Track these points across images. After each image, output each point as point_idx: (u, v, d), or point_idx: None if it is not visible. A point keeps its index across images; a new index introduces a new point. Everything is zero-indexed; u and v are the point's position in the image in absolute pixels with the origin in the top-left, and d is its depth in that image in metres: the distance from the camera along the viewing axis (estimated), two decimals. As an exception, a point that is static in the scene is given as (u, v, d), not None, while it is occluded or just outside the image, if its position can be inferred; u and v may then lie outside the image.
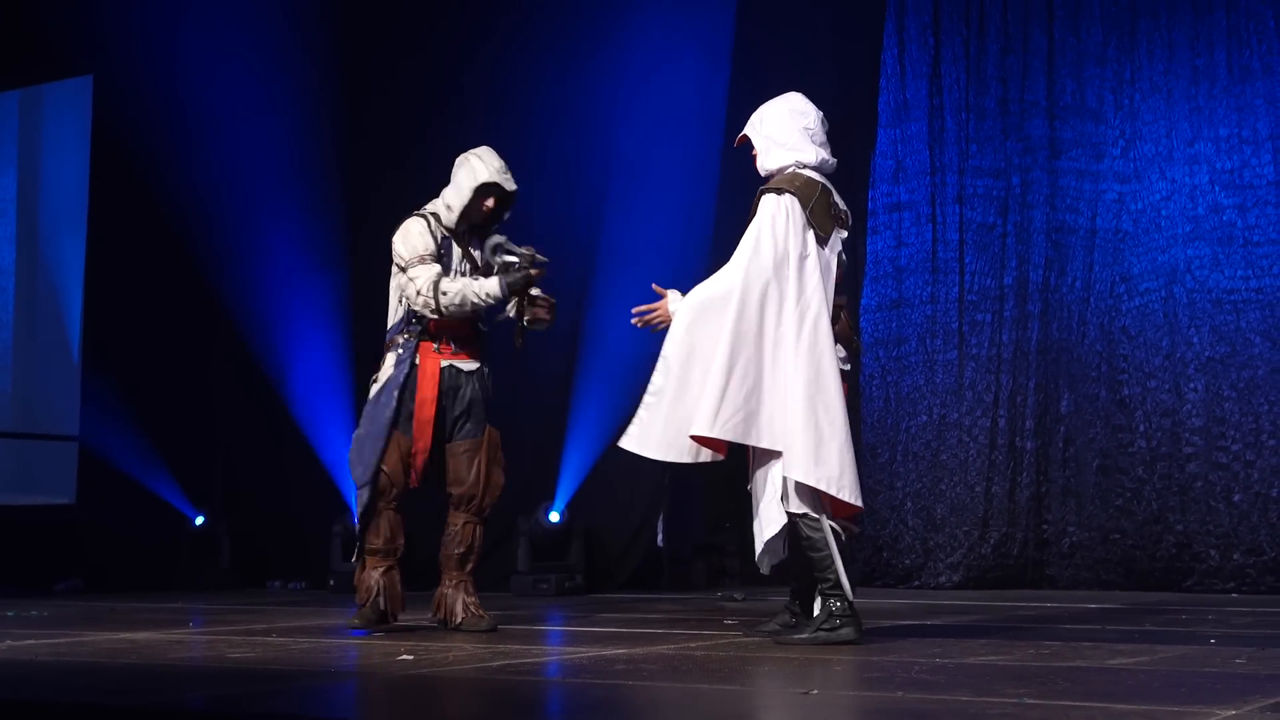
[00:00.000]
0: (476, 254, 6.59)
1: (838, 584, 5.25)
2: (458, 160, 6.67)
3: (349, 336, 10.74)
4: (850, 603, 5.28)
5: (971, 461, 9.31)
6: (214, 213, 11.08)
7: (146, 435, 11.23)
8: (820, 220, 5.40)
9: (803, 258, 5.33)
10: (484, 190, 6.54)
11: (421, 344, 6.48)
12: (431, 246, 6.51)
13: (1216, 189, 8.89)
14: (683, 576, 9.90)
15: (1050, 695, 3.80)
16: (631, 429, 5.43)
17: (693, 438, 5.27)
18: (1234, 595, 8.25)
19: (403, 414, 6.41)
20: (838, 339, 5.53)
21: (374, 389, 6.50)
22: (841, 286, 5.59)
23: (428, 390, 6.41)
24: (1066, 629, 6.01)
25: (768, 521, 5.33)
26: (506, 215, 6.67)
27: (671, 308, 5.45)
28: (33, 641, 6.06)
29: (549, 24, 10.47)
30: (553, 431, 9.96)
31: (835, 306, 5.49)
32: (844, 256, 5.55)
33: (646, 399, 5.38)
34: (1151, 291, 9.00)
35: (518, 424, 10.29)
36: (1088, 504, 8.99)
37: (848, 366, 5.53)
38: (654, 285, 5.58)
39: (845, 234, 5.55)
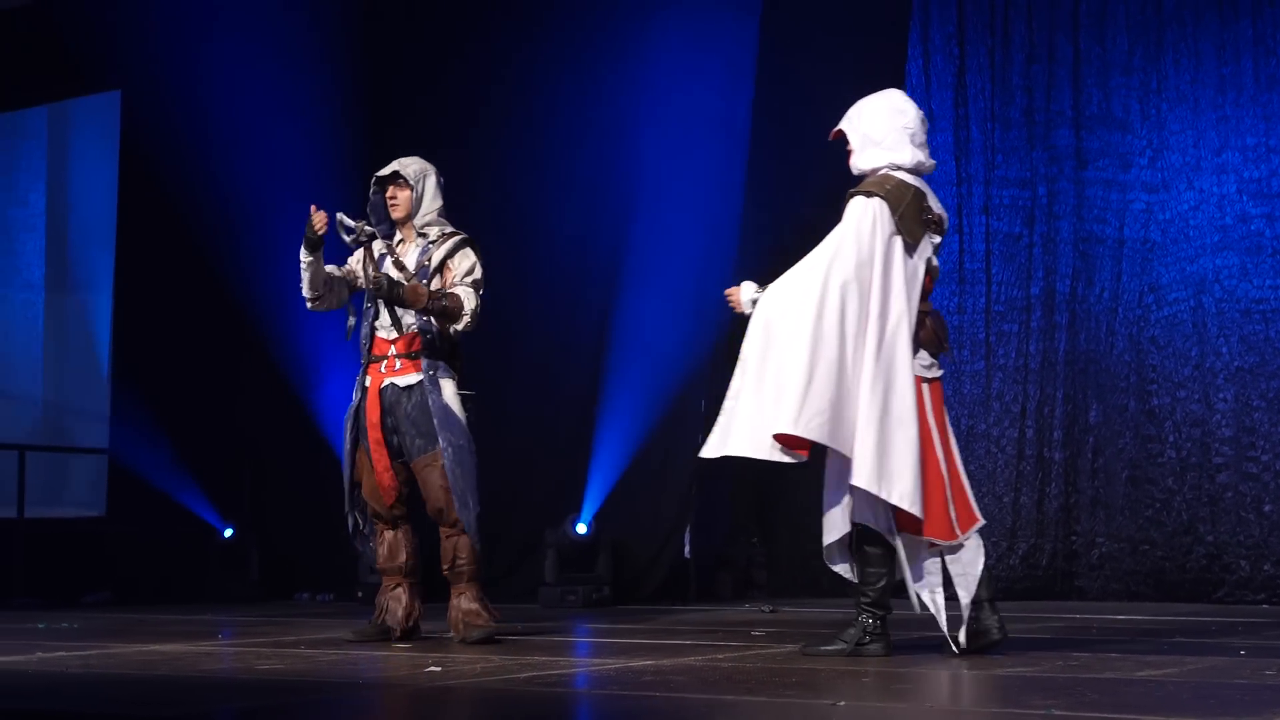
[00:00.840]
0: (409, 257, 6.57)
1: (876, 603, 5.22)
2: None
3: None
4: (885, 621, 5.24)
5: (999, 472, 9.28)
6: (241, 226, 11.10)
7: (175, 448, 11.28)
8: (909, 226, 5.27)
9: (888, 264, 5.21)
10: (377, 184, 6.72)
11: (370, 365, 6.53)
12: (353, 268, 6.70)
13: (1244, 198, 8.86)
14: (709, 588, 9.89)
15: (1078, 707, 3.80)
16: (711, 437, 5.35)
17: (775, 437, 5.16)
18: (1265, 606, 8.22)
19: (360, 440, 6.50)
20: (924, 345, 5.35)
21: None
22: (930, 293, 5.43)
23: (372, 414, 6.47)
24: (1095, 640, 6.00)
25: (829, 527, 5.30)
26: (391, 190, 6.69)
27: (744, 297, 5.38)
28: (63, 653, 6.09)
29: (573, 38, 10.48)
30: (580, 443, 9.96)
31: (921, 313, 5.33)
32: (935, 261, 5.43)
33: (726, 403, 5.32)
34: (1180, 301, 8.96)
35: (545, 435, 10.34)
36: (1117, 515, 8.95)
37: (939, 373, 5.37)
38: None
39: (939, 239, 5.44)
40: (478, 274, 6.50)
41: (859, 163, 5.48)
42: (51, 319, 12.55)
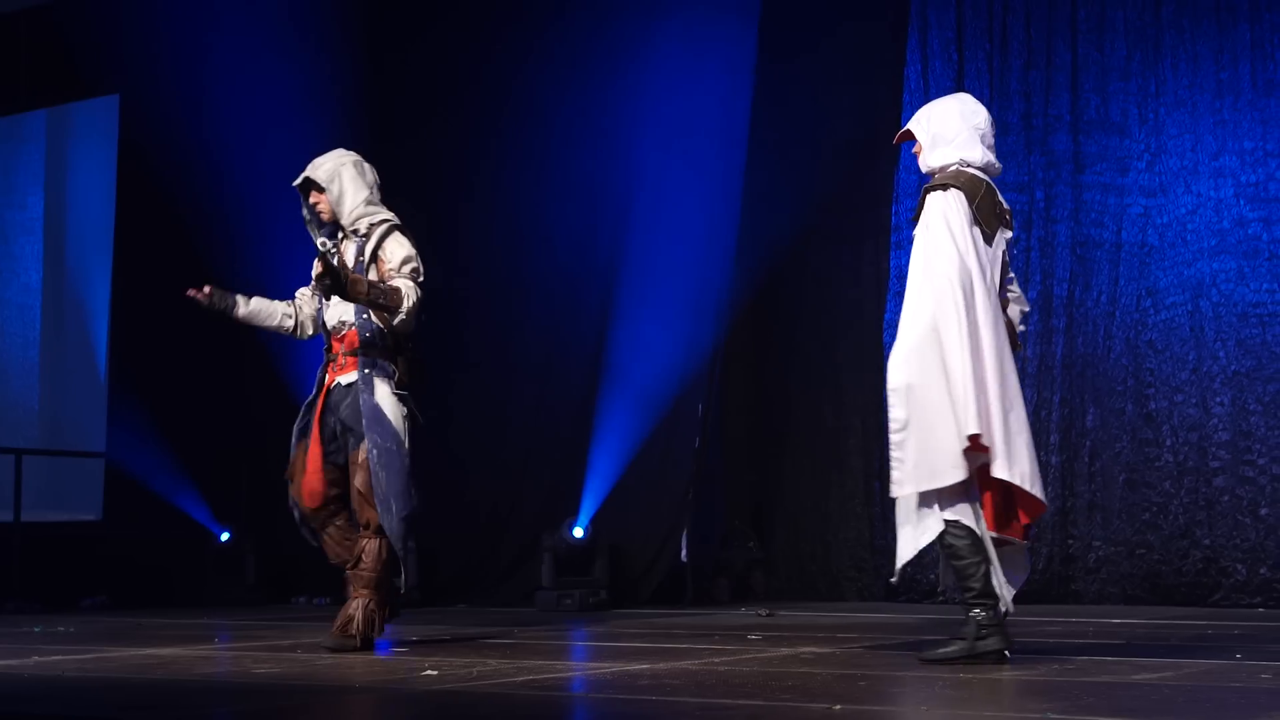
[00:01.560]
0: (347, 254, 6.46)
1: (983, 593, 5.03)
2: None
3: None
4: (997, 612, 5.06)
5: (997, 476, 9.27)
6: (239, 230, 11.11)
7: (172, 452, 11.28)
8: (986, 217, 5.25)
9: (978, 251, 5.16)
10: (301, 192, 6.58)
11: (328, 365, 6.49)
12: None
13: (1241, 202, 8.86)
14: (706, 592, 9.91)
15: (1075, 710, 3.80)
16: (895, 473, 5.11)
17: (970, 438, 4.94)
18: (1260, 610, 8.22)
19: (304, 437, 6.45)
20: None
21: None
22: (1004, 285, 5.36)
23: (319, 410, 6.43)
24: (1092, 644, 6.00)
25: (922, 531, 5.08)
26: (313, 198, 6.52)
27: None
28: (59, 657, 6.10)
29: (574, 44, 10.50)
30: (577, 447, 9.97)
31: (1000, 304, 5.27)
32: (1007, 256, 5.38)
33: (895, 437, 5.11)
34: (1177, 305, 8.96)
35: (542, 439, 10.35)
36: (1114, 518, 8.95)
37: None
38: None
39: (1010, 234, 5.40)
40: (415, 262, 6.37)
41: (930, 160, 5.41)
42: (49, 323, 12.55)
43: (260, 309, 6.70)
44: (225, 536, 11.01)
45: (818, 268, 10.24)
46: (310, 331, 6.75)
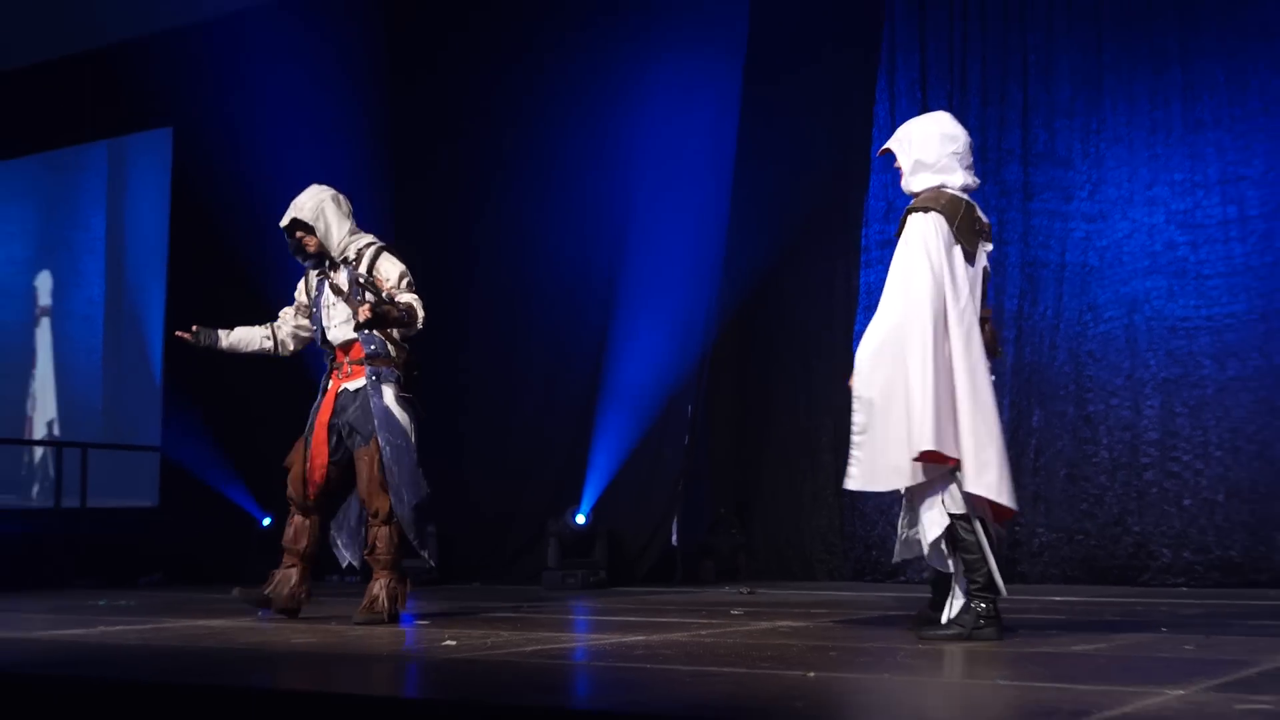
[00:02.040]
0: (340, 280, 6.47)
1: (986, 585, 4.89)
2: None
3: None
4: (996, 604, 4.93)
5: (952, 470, 9.29)
6: (279, 247, 11.06)
7: (220, 446, 11.30)
8: (966, 236, 5.08)
9: (954, 271, 5.01)
10: (287, 230, 6.55)
11: (332, 372, 6.52)
12: (299, 300, 6.76)
13: (1172, 228, 8.87)
14: (694, 573, 9.92)
15: (1022, 677, 3.83)
16: (851, 470, 5.04)
17: (922, 454, 4.85)
18: (1184, 589, 8.24)
19: (307, 434, 6.49)
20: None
21: None
22: (986, 299, 5.21)
23: (324, 414, 6.45)
24: (1036, 619, 6.01)
25: (930, 524, 4.97)
26: (299, 235, 6.49)
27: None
28: (122, 627, 6.12)
29: (575, 78, 10.51)
30: (579, 443, 9.99)
31: (981, 319, 5.13)
32: (988, 269, 5.23)
33: (856, 438, 5.01)
34: (1114, 319, 8.97)
35: (548, 437, 10.36)
36: (1055, 508, 8.97)
37: (992, 377, 5.19)
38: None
39: (990, 247, 5.23)
40: (409, 275, 6.38)
41: (912, 185, 5.22)
42: (110, 330, 12.57)
43: (241, 338, 6.84)
44: (266, 522, 11.00)
45: (795, 284, 10.25)
46: (291, 348, 6.83)
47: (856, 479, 5.05)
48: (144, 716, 3.67)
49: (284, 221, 6.49)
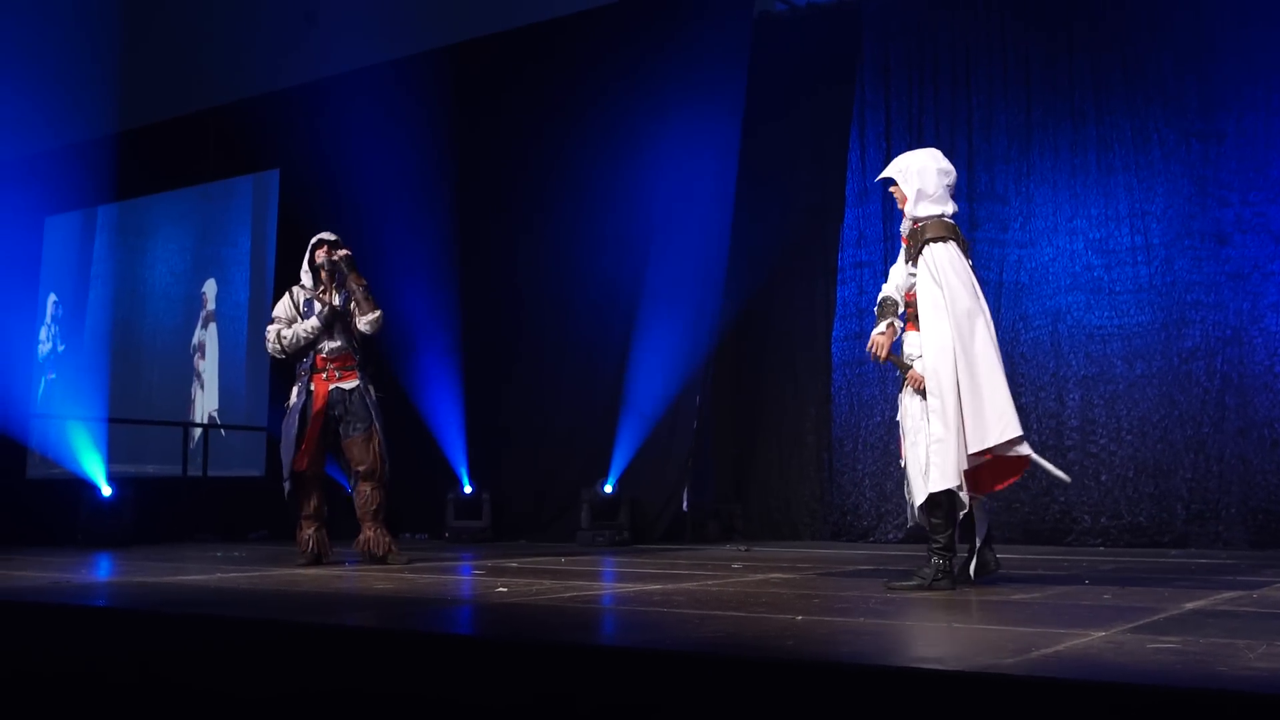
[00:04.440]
0: (337, 301, 6.82)
1: (945, 547, 4.86)
2: None
3: (458, 352, 10.83)
4: (951, 561, 4.88)
5: (911, 450, 9.25)
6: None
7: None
8: (963, 252, 5.02)
9: (972, 287, 4.94)
10: (315, 244, 6.97)
11: (314, 375, 6.76)
12: (286, 313, 6.89)
13: (1089, 253, 8.86)
14: (701, 533, 9.89)
15: (970, 620, 3.80)
16: (932, 471, 4.83)
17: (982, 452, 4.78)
18: (1101, 549, 8.21)
19: (304, 428, 6.74)
20: None
21: (286, 409, 6.86)
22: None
23: (318, 405, 6.75)
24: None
25: (918, 492, 4.89)
26: (339, 254, 6.89)
27: (918, 370, 5.00)
28: (235, 574, 6.11)
29: (602, 133, 10.53)
30: (607, 426, 9.98)
31: None
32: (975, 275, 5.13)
33: (934, 445, 4.81)
34: (1042, 328, 8.95)
35: (581, 420, 10.35)
36: (995, 482, 8.93)
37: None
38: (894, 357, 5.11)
39: (970, 261, 5.12)
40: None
41: (915, 211, 5.06)
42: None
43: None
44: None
45: (783, 298, 10.23)
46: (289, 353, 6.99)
47: (935, 480, 4.83)
48: (253, 648, 3.64)
49: (330, 235, 7.12)
